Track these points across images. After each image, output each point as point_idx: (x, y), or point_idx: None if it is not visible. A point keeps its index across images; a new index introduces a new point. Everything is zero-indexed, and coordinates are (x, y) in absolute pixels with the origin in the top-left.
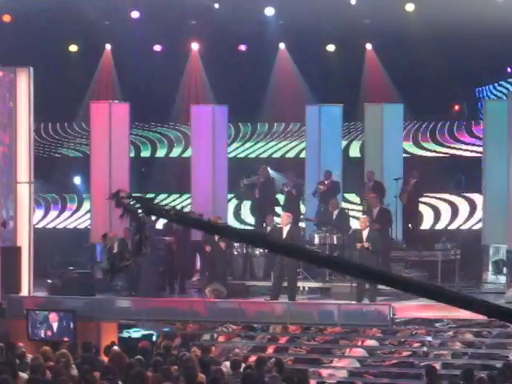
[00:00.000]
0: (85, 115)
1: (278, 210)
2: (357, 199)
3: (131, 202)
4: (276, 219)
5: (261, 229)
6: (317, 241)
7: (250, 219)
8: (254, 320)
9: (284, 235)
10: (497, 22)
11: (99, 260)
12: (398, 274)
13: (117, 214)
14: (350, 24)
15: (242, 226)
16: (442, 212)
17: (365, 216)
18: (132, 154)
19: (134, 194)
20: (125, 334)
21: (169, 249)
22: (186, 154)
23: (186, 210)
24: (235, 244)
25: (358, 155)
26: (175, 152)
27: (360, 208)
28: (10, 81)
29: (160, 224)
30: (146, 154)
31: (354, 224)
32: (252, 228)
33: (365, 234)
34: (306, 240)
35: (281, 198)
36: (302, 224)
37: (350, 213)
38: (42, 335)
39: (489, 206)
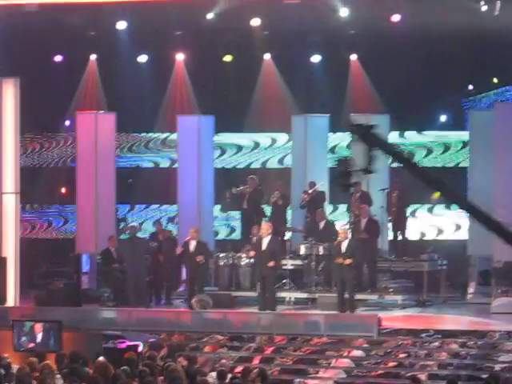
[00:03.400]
0: (70, 125)
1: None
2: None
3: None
4: None
5: (247, 239)
6: (303, 251)
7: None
8: (240, 330)
9: (264, 246)
10: (481, 31)
11: (85, 270)
12: None
13: (103, 224)
14: (335, 34)
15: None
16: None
17: (344, 227)
18: None
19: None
20: (110, 345)
21: (155, 259)
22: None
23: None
24: (221, 255)
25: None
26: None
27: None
28: None
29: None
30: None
31: None
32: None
33: (344, 245)
34: (291, 250)
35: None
36: (288, 234)
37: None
38: (28, 346)
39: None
